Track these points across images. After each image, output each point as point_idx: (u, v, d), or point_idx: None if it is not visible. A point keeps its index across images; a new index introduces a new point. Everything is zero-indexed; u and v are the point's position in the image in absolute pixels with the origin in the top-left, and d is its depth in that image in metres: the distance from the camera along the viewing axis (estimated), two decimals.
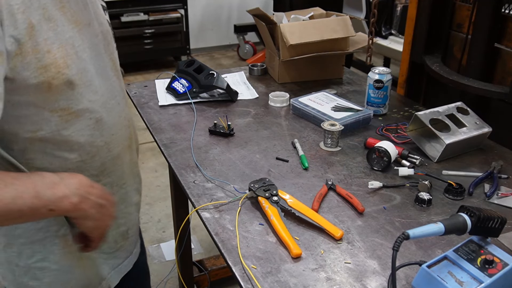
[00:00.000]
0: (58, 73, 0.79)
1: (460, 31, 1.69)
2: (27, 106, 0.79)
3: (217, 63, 5.43)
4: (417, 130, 1.34)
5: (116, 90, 0.95)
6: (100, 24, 0.92)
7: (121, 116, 0.97)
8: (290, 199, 1.06)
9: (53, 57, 0.78)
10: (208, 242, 2.52)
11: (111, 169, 0.97)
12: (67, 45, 0.80)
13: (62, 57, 0.79)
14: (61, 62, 0.79)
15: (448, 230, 0.81)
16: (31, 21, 0.74)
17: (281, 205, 1.04)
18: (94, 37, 0.88)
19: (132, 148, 1.03)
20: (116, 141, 0.96)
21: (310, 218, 1.01)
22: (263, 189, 1.08)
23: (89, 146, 0.90)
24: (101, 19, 0.93)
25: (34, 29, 0.74)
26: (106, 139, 0.93)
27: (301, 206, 1.04)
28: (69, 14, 0.81)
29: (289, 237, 0.95)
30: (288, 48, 1.69)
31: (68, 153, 0.87)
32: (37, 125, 0.82)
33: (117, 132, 0.96)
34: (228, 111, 1.57)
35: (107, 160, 0.95)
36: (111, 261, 1.06)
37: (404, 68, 1.89)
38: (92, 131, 0.89)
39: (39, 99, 0.79)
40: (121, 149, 0.98)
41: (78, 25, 0.83)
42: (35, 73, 0.76)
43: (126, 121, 1.00)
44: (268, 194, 1.07)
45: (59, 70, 0.79)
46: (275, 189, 1.08)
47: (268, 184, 1.09)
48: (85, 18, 0.86)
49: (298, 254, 0.92)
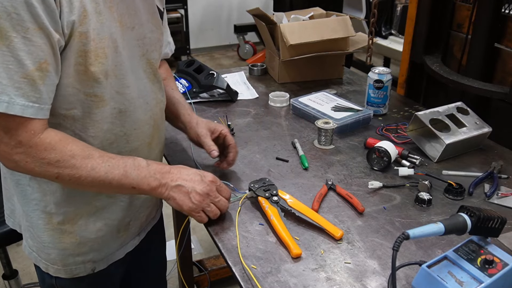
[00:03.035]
0: (96, 61, 0.86)
1: (460, 31, 1.69)
2: (65, 87, 0.86)
3: (217, 63, 5.43)
4: (417, 130, 1.34)
5: (146, 90, 1.02)
6: (149, 31, 1.00)
7: (147, 115, 1.02)
8: (290, 199, 1.06)
9: (96, 45, 0.85)
10: (208, 242, 2.52)
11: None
12: (110, 39, 0.88)
13: (103, 47, 0.87)
14: (101, 52, 0.86)
15: (448, 230, 0.81)
16: (85, 9, 0.83)
17: (281, 205, 1.04)
18: (134, 40, 0.96)
19: (151, 147, 1.06)
20: (136, 135, 1.01)
21: (310, 218, 1.01)
22: (263, 189, 1.08)
23: (108, 133, 0.95)
24: (151, 27, 1.01)
25: (86, 17, 0.83)
26: (126, 131, 0.98)
27: (301, 206, 1.04)
28: (116, 14, 0.90)
29: (289, 237, 0.95)
30: (288, 48, 1.69)
31: (92, 139, 0.93)
32: (72, 105, 0.89)
33: (139, 127, 1.01)
34: (228, 111, 1.57)
35: (124, 150, 0.99)
36: (107, 249, 1.07)
37: (404, 68, 1.88)
38: (114, 120, 0.95)
39: (77, 81, 0.87)
40: (140, 144, 1.02)
41: (122, 26, 0.92)
42: (76, 56, 0.84)
43: (152, 120, 1.05)
44: (268, 194, 1.07)
45: (97, 58, 0.86)
46: (275, 189, 1.08)
47: (268, 184, 1.09)
48: (130, 22, 0.94)
49: (298, 254, 0.92)
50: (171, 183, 0.94)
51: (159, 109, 1.08)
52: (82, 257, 1.04)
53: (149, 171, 0.93)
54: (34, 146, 0.83)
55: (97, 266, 1.07)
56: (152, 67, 1.04)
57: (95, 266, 1.06)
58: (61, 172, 0.85)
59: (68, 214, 0.99)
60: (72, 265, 1.04)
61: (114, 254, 1.09)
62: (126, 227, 1.08)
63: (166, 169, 0.96)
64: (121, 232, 1.08)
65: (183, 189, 0.95)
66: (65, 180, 0.87)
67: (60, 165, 0.85)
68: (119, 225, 1.06)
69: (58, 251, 1.02)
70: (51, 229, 1.00)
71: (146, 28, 0.99)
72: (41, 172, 0.86)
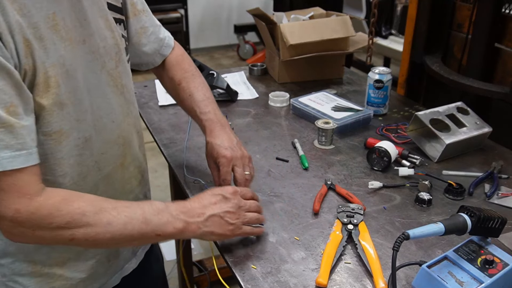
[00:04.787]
0: (48, 92, 0.77)
1: (460, 31, 1.68)
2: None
3: (217, 63, 5.43)
4: (417, 130, 1.34)
5: (112, 107, 0.92)
6: (102, 39, 0.89)
7: (114, 135, 0.94)
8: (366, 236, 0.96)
9: (44, 76, 0.76)
10: (208, 242, 2.51)
11: (103, 189, 0.94)
12: (58, 64, 0.78)
13: (54, 75, 0.78)
14: (53, 81, 0.78)
15: (448, 230, 0.81)
16: (26, 38, 0.73)
17: (352, 235, 0.97)
18: (88, 54, 0.86)
19: (124, 166, 0.99)
20: (106, 160, 0.93)
21: (367, 260, 0.91)
22: (347, 214, 1.01)
23: (78, 166, 0.87)
24: (104, 34, 0.90)
25: (30, 47, 0.74)
26: (95, 158, 0.90)
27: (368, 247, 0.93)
28: (62, 31, 0.79)
29: (326, 266, 0.89)
30: (288, 48, 1.69)
31: (62, 178, 0.85)
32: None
33: (107, 151, 0.93)
34: (228, 111, 1.57)
35: (98, 179, 0.92)
36: (101, 279, 1.02)
37: (404, 68, 1.88)
38: (82, 151, 0.87)
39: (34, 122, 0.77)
40: (112, 168, 0.95)
41: (72, 42, 0.82)
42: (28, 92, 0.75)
43: (121, 139, 0.96)
44: (347, 220, 1.00)
45: (49, 89, 0.77)
46: (360, 219, 1.00)
47: (357, 212, 1.02)
48: (79, 35, 0.83)
49: (321, 283, 0.86)
50: (199, 218, 0.86)
51: (126, 124, 0.97)
52: None
53: (171, 213, 0.84)
54: (36, 211, 0.74)
55: None
56: (114, 79, 0.93)
57: None
58: (75, 233, 0.76)
59: (53, 258, 0.92)
60: None
61: (108, 282, 1.04)
62: (116, 254, 1.02)
63: (187, 206, 0.87)
64: (111, 260, 1.02)
65: (215, 218, 0.87)
66: (81, 241, 0.78)
67: (72, 225, 0.76)
68: (109, 255, 1.00)
69: None
70: (39, 275, 0.92)
71: (97, 37, 0.88)
72: (53, 238, 0.77)
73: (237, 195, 0.92)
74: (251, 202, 0.94)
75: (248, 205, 0.93)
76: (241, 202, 0.91)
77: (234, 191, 0.92)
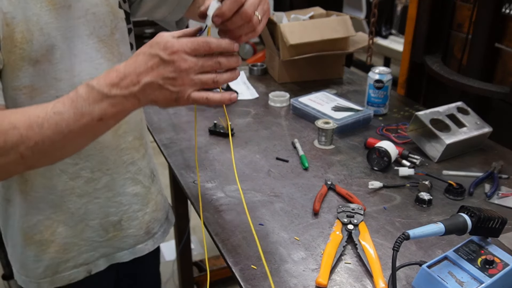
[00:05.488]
0: (15, 47, 0.78)
1: (461, 31, 1.68)
2: None
3: None
4: (417, 130, 1.34)
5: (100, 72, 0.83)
6: (92, 5, 0.88)
7: None
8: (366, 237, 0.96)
9: (11, 31, 0.77)
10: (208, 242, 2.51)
11: (89, 153, 0.94)
12: (30, 22, 0.79)
13: (21, 31, 0.78)
14: (19, 37, 0.78)
15: (448, 230, 0.81)
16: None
17: (352, 235, 0.97)
18: (73, 20, 0.86)
19: (118, 134, 0.97)
20: None
21: (367, 260, 0.91)
22: (347, 214, 1.02)
23: None
24: (95, 1, 0.89)
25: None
26: None
27: (369, 248, 0.93)
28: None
29: (326, 266, 0.89)
30: (288, 48, 1.69)
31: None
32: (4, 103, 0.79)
33: None
34: (228, 111, 1.57)
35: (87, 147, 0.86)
36: (101, 249, 1.03)
37: (404, 68, 1.88)
38: None
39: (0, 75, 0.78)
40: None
41: (54, 5, 0.82)
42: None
43: None
44: (347, 220, 1.00)
45: (16, 44, 0.78)
46: (360, 219, 1.01)
47: (357, 212, 1.02)
48: (63, 0, 0.84)
49: (321, 283, 0.86)
50: (134, 88, 0.70)
51: None
52: (73, 261, 1.00)
53: (102, 92, 0.70)
54: None
55: (93, 268, 1.03)
56: (108, 45, 0.92)
57: (91, 268, 1.03)
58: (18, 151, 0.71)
59: (41, 224, 0.94)
60: (65, 271, 1.00)
61: (115, 255, 1.06)
62: (117, 227, 1.03)
63: (119, 75, 0.71)
64: (111, 232, 1.03)
65: (154, 86, 0.70)
66: (30, 156, 0.72)
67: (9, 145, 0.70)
68: (105, 224, 1.01)
69: (47, 263, 0.98)
70: (33, 243, 0.96)
71: (87, 3, 0.88)
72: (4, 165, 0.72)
73: (179, 54, 0.69)
74: (205, 60, 0.71)
75: (201, 65, 0.71)
76: (185, 63, 0.69)
77: (176, 49, 0.69)
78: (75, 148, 0.78)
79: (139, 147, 1.04)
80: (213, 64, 0.71)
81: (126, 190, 1.03)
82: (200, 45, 0.70)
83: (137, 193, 1.05)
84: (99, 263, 1.05)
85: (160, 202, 1.15)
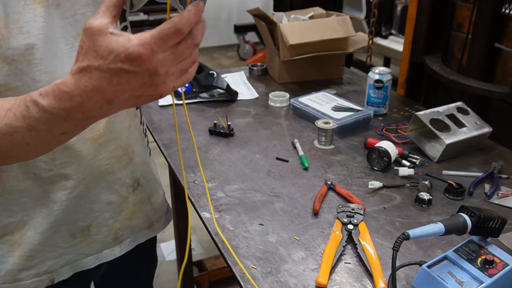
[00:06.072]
0: None
1: (460, 31, 1.69)
2: None
3: (217, 63, 5.43)
4: (417, 130, 1.34)
5: None
6: (84, 5, 0.85)
7: None
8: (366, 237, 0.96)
9: None
10: (208, 242, 2.52)
11: (64, 160, 0.90)
12: (9, 19, 0.76)
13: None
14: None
15: (448, 230, 0.81)
16: None
17: (352, 235, 0.97)
18: (60, 20, 0.83)
19: (99, 143, 0.91)
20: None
21: (367, 260, 0.91)
22: (347, 214, 1.02)
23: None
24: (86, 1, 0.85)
25: None
26: None
27: (369, 248, 0.93)
28: None
29: (326, 266, 0.89)
30: (288, 48, 1.69)
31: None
32: None
33: None
34: (228, 111, 1.57)
35: (58, 149, 0.80)
36: (66, 256, 0.98)
37: (404, 68, 1.88)
38: None
39: None
40: (77, 140, 0.87)
41: (41, 3, 0.79)
42: None
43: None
44: (347, 220, 1.00)
45: None
46: (360, 219, 1.01)
47: (357, 212, 1.03)
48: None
49: (321, 283, 0.86)
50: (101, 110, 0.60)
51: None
52: (35, 269, 0.95)
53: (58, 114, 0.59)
54: None
55: (56, 276, 0.98)
56: None
57: (54, 276, 0.97)
58: None
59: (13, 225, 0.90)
60: (26, 279, 0.95)
61: (81, 262, 1.00)
62: (85, 232, 0.98)
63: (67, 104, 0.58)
64: (78, 237, 0.97)
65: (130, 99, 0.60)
66: None
67: None
68: (73, 229, 0.96)
69: (9, 267, 0.93)
70: (2, 243, 0.91)
71: (77, 3, 0.84)
72: None
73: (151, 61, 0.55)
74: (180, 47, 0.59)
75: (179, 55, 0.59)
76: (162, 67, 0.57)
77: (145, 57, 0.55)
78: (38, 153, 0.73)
79: (121, 156, 0.97)
80: (189, 45, 0.60)
81: (100, 198, 0.97)
82: (170, 36, 0.56)
83: (110, 202, 0.99)
84: (62, 271, 0.99)
85: (137, 211, 1.06)
